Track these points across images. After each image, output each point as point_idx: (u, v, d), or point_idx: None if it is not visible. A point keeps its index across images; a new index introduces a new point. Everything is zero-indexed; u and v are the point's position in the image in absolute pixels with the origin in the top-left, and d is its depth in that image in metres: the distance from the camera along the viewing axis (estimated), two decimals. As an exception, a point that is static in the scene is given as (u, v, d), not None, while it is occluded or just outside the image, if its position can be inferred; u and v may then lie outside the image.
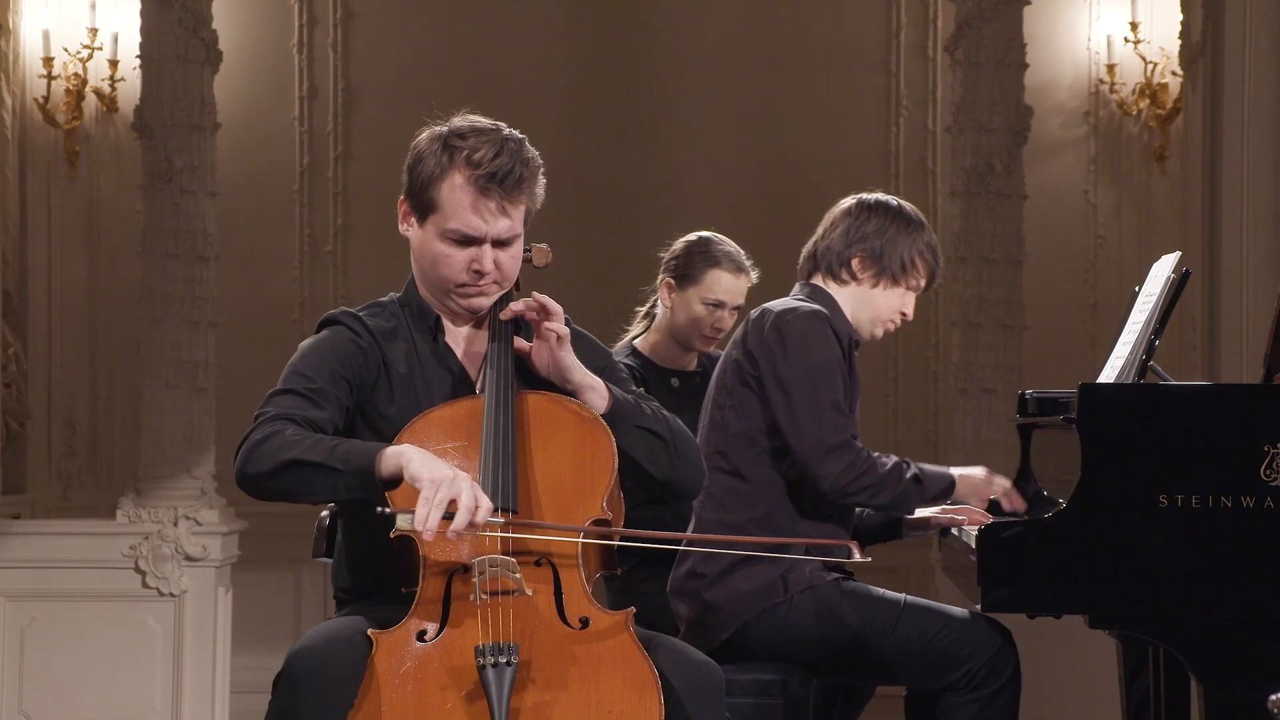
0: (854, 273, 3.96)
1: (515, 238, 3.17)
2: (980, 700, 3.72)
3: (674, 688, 2.90)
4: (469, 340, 3.25)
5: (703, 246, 4.61)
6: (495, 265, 3.16)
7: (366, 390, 3.17)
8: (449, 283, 3.18)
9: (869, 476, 3.78)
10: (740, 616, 3.80)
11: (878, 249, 3.94)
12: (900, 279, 3.95)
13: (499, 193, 3.12)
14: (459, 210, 3.13)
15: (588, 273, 7.06)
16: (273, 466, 2.96)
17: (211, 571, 6.09)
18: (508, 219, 3.14)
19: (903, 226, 3.96)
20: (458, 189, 3.13)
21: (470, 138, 3.14)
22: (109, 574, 6.07)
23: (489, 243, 3.15)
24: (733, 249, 4.62)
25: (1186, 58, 6.43)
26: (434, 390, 3.18)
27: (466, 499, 2.85)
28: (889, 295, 3.97)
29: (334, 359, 3.15)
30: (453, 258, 3.16)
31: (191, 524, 6.08)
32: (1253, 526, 3.46)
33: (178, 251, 6.14)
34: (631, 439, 3.14)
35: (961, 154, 6.22)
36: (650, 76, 7.36)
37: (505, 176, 3.12)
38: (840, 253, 3.97)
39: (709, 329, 4.59)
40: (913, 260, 3.95)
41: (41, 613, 6.05)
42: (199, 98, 6.19)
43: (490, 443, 3.01)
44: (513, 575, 2.90)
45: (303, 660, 2.90)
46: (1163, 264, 3.91)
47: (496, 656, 2.82)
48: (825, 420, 3.78)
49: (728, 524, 3.83)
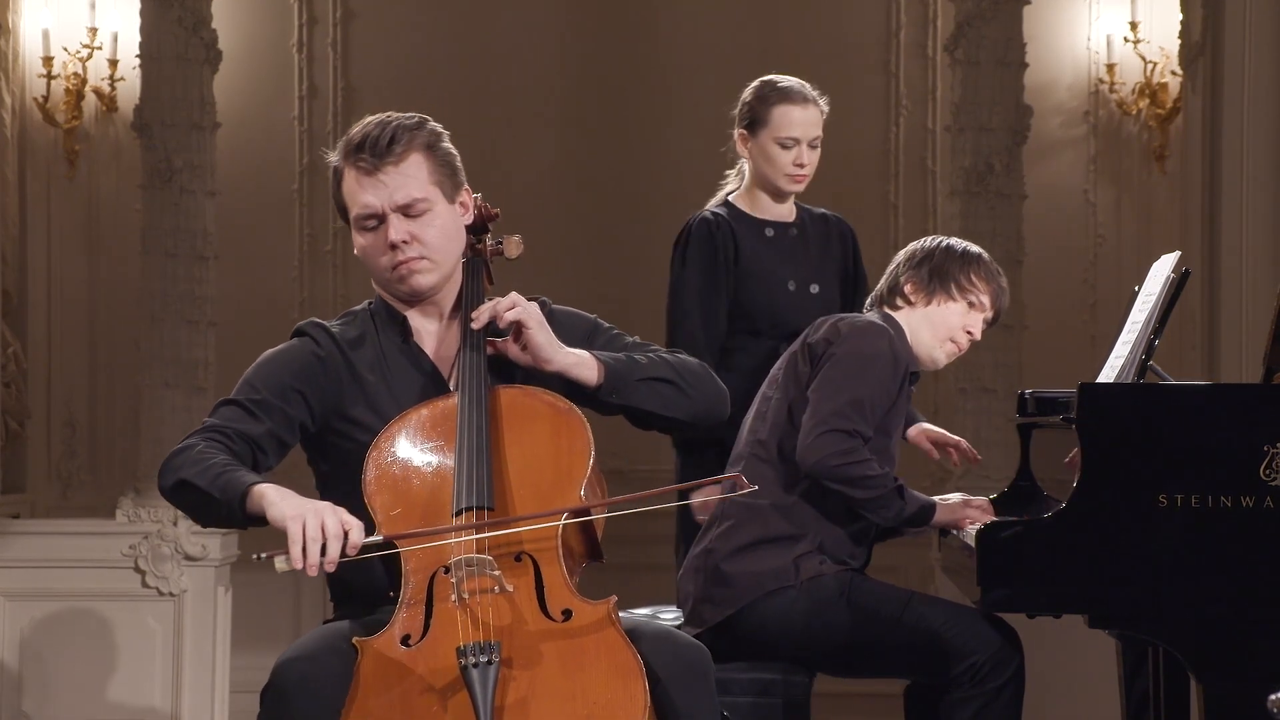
0: (907, 297, 4.00)
1: (418, 202, 3.17)
2: (984, 695, 3.72)
3: (661, 674, 2.90)
4: (440, 340, 3.25)
5: (764, 89, 4.51)
6: (411, 237, 3.16)
7: (331, 399, 3.18)
8: (383, 271, 3.20)
9: (855, 469, 3.79)
10: (748, 595, 3.82)
11: (926, 272, 3.99)
12: (957, 294, 3.98)
13: (371, 161, 3.14)
14: (354, 197, 3.18)
15: (586, 270, 7.07)
16: (171, 483, 3.02)
17: (211, 571, 6.08)
18: (394, 184, 3.14)
19: (954, 254, 4.02)
20: (347, 180, 3.19)
21: (353, 131, 3.19)
22: (109, 574, 6.06)
23: (392, 214, 3.15)
24: (795, 83, 4.51)
25: (1186, 58, 6.43)
26: (406, 392, 3.19)
27: (331, 527, 2.84)
28: (946, 311, 3.99)
29: (287, 371, 3.17)
30: (371, 246, 3.19)
31: (191, 524, 6.08)
32: (1252, 526, 3.46)
33: (178, 251, 6.14)
34: (639, 394, 3.15)
35: (961, 154, 6.22)
36: (650, 75, 7.36)
37: (374, 143, 3.14)
38: (892, 284, 4.04)
39: (791, 168, 4.45)
40: (968, 276, 3.99)
41: (41, 613, 6.04)
42: (199, 97, 6.18)
43: (465, 440, 3.01)
44: (490, 573, 2.90)
45: (289, 671, 2.91)
46: (1162, 264, 3.92)
47: (478, 656, 2.82)
48: (839, 408, 3.81)
49: (754, 508, 3.86)
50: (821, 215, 4.61)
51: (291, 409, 3.15)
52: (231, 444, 3.08)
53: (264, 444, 3.12)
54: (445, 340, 3.24)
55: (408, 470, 3.05)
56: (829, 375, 3.85)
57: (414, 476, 3.05)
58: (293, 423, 3.16)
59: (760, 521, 3.86)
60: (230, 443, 3.07)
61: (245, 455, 3.10)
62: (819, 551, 3.85)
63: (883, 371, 3.86)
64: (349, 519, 2.87)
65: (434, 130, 3.21)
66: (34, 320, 7.07)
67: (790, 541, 3.84)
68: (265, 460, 3.14)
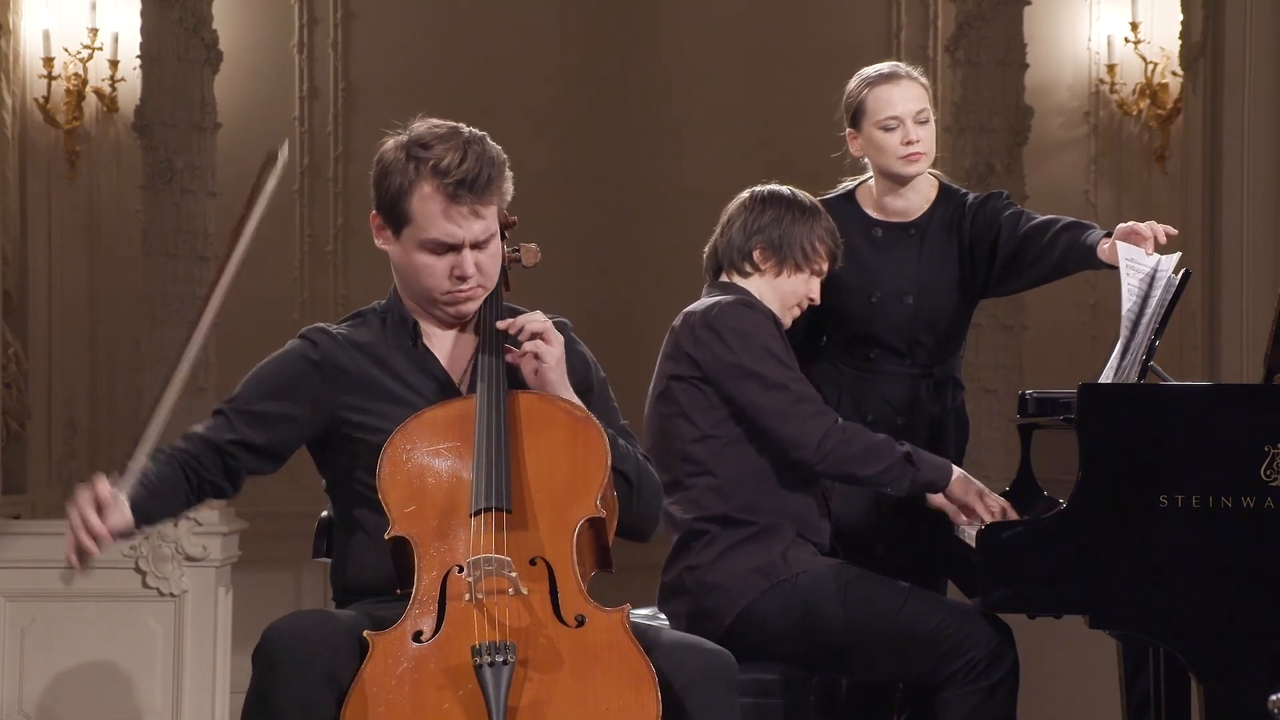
0: (756, 264, 4.00)
1: (491, 237, 3.18)
2: (981, 691, 3.72)
3: (678, 681, 2.90)
4: (453, 345, 3.26)
5: (856, 81, 4.34)
6: (477, 268, 3.17)
7: (327, 404, 3.20)
8: (434, 292, 3.19)
9: (855, 443, 3.80)
10: (743, 598, 3.80)
11: (776, 238, 3.98)
12: (803, 265, 3.99)
13: (470, 198, 3.12)
14: (433, 220, 3.14)
15: (585, 272, 7.07)
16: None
17: (212, 572, 6.08)
18: (482, 221, 3.15)
19: (798, 214, 4.00)
20: (428, 199, 3.14)
21: (434, 145, 3.15)
22: (109, 574, 6.05)
23: (467, 248, 3.15)
24: (887, 64, 4.34)
25: (1186, 58, 6.43)
26: (413, 395, 3.19)
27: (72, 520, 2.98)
28: (793, 282, 4.00)
29: (281, 377, 3.22)
30: (434, 266, 3.17)
31: (192, 524, 6.07)
32: (1253, 526, 3.46)
33: (178, 251, 6.15)
34: None
35: (961, 154, 6.22)
36: (650, 76, 7.36)
37: (474, 181, 3.12)
38: (740, 246, 4.01)
39: (901, 148, 4.22)
40: (813, 245, 3.99)
41: (41, 613, 6.04)
42: (199, 98, 6.20)
43: (483, 443, 3.02)
44: (507, 574, 2.90)
45: (279, 633, 2.90)
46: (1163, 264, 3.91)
47: (493, 655, 2.82)
48: (793, 393, 3.82)
49: (717, 518, 3.84)
50: (958, 205, 4.30)
51: (281, 413, 3.19)
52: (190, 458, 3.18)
53: (235, 452, 3.19)
54: (458, 346, 3.25)
55: (423, 468, 3.05)
56: (742, 365, 3.84)
57: (429, 475, 3.05)
58: (281, 426, 3.20)
59: (731, 528, 3.84)
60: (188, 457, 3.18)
61: (211, 464, 3.19)
62: (801, 539, 3.85)
63: (777, 341, 3.88)
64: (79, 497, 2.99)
65: (505, 162, 3.22)
66: (34, 320, 7.07)
67: (767, 534, 3.83)
68: (237, 465, 3.20)
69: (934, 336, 4.26)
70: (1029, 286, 4.41)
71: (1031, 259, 4.19)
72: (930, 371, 4.28)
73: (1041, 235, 4.17)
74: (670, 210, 7.14)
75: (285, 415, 3.19)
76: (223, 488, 3.20)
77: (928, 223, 4.27)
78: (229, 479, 3.20)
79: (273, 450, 3.21)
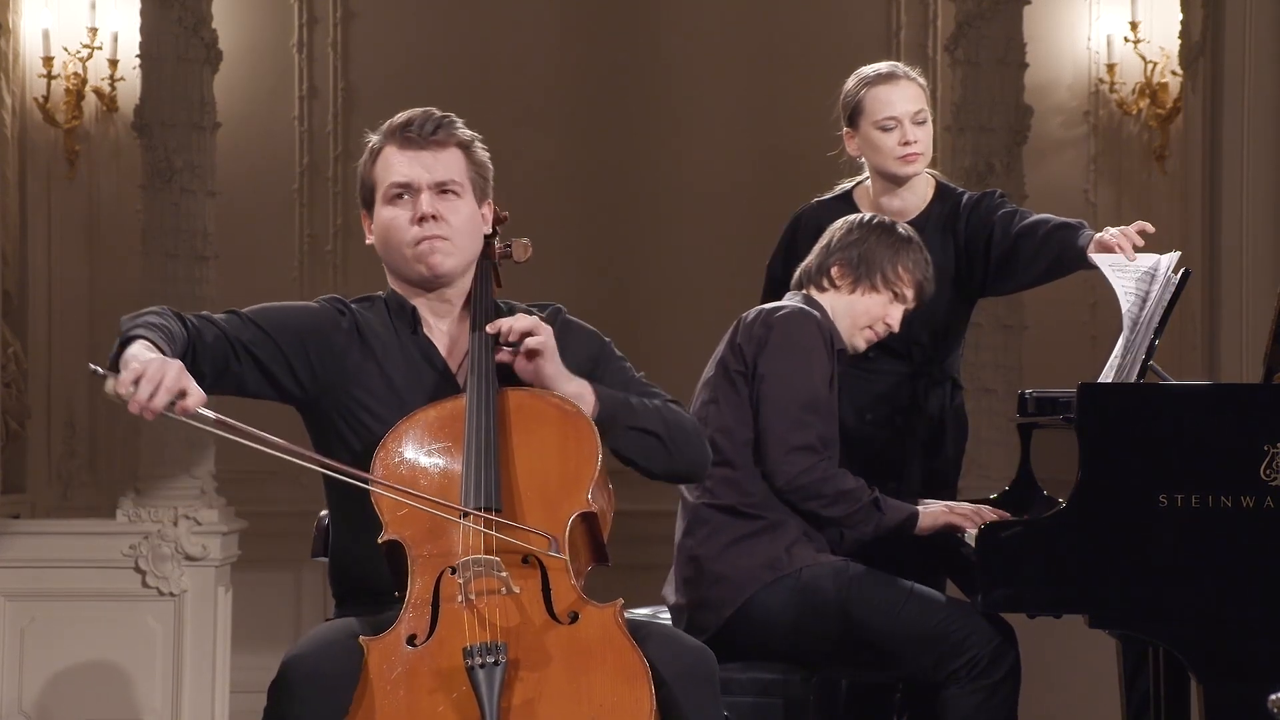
0: (833, 280, 4.00)
1: (452, 183, 3.23)
2: (983, 690, 3.72)
3: (666, 676, 2.90)
4: (452, 336, 3.27)
5: (852, 82, 4.35)
6: (440, 214, 3.20)
7: (335, 369, 3.20)
8: (403, 247, 3.22)
9: (828, 485, 3.83)
10: (745, 590, 3.81)
11: (855, 257, 3.99)
12: (881, 287, 3.98)
13: (418, 140, 3.22)
14: (390, 169, 3.23)
15: (584, 270, 7.06)
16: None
17: (211, 571, 6.09)
18: (437, 163, 3.22)
19: (886, 238, 4.01)
20: (387, 156, 3.25)
21: (395, 118, 3.28)
22: (109, 574, 6.06)
23: (426, 190, 3.21)
24: (885, 64, 4.35)
25: (1186, 57, 6.43)
26: (416, 382, 3.21)
27: (169, 381, 2.82)
28: (869, 301, 3.99)
29: (302, 318, 3.22)
30: (398, 218, 3.22)
31: (191, 524, 6.08)
32: (1253, 526, 3.46)
33: (178, 251, 6.14)
34: (623, 440, 3.18)
35: (961, 154, 6.22)
36: (650, 76, 7.36)
37: (422, 124, 3.23)
38: (821, 263, 4.03)
39: (898, 149, 4.25)
40: (895, 269, 3.98)
41: (41, 613, 6.05)
42: (199, 97, 6.18)
43: (472, 441, 3.02)
44: (498, 574, 2.91)
45: (297, 666, 2.91)
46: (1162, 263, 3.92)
47: (484, 656, 2.83)
48: (793, 418, 3.83)
49: (727, 509, 3.87)
50: (954, 204, 4.32)
51: (272, 340, 3.17)
52: (195, 330, 3.09)
53: (242, 357, 3.14)
54: (458, 339, 3.27)
55: (415, 470, 3.06)
56: (773, 371, 3.87)
57: (421, 477, 3.05)
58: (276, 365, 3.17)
59: (739, 520, 3.87)
60: (194, 328, 3.09)
61: (221, 350, 3.12)
62: (806, 537, 3.86)
63: (816, 363, 3.88)
64: (192, 387, 2.85)
65: (475, 136, 3.31)
66: (34, 320, 7.07)
67: (774, 530, 3.85)
68: (238, 366, 3.15)
69: (932, 336, 4.26)
70: (1028, 286, 4.42)
71: (1025, 259, 4.20)
72: (928, 371, 4.29)
73: (1033, 235, 4.18)
74: (670, 209, 7.14)
75: (294, 351, 3.19)
76: (202, 375, 3.05)
77: (924, 222, 4.28)
78: (216, 377, 3.13)
79: (268, 372, 3.17)
